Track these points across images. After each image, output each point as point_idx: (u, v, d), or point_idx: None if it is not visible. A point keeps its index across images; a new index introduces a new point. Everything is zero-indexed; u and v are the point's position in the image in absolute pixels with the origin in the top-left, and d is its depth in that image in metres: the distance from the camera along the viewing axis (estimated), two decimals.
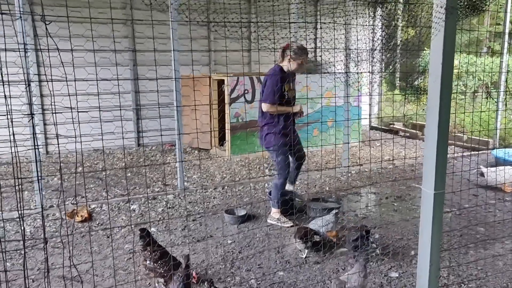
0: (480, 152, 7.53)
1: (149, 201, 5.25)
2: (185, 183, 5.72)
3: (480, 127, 7.55)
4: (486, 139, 8.03)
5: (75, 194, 5.53)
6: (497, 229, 4.28)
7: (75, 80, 1.81)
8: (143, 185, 5.88)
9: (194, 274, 3.20)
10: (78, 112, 1.97)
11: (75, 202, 5.11)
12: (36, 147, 1.80)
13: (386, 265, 3.56)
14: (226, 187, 5.79)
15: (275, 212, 4.54)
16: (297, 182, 5.95)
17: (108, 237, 4.24)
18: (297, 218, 4.58)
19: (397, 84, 12.87)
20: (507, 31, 8.38)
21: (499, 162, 6.63)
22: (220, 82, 7.45)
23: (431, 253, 1.85)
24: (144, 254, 3.11)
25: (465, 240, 4.04)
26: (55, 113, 1.79)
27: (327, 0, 8.57)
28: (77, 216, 4.63)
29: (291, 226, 4.39)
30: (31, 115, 1.82)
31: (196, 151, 7.94)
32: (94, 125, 7.21)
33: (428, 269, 1.86)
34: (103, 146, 7.75)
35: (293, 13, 6.51)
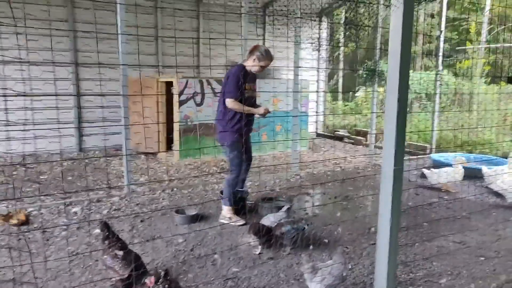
0: (419, 156, 7.93)
1: (93, 204, 4.97)
2: (132, 186, 5.49)
3: (418, 133, 7.98)
4: (425, 144, 8.49)
5: (6, 197, 5.11)
6: (439, 224, 4.49)
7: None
8: (86, 189, 5.57)
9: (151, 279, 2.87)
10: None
11: (10, 205, 4.72)
12: None
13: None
14: (175, 188, 5.63)
15: (227, 211, 4.46)
16: (248, 184, 5.94)
17: (47, 240, 3.94)
18: (249, 217, 4.53)
19: (339, 95, 13.34)
20: (441, 45, 8.94)
21: (436, 165, 7.02)
22: (168, 85, 7.30)
23: (391, 228, 1.88)
24: (103, 248, 2.92)
25: (411, 235, 4.19)
26: None
27: (275, 8, 8.74)
28: (12, 219, 4.28)
29: (243, 225, 4.33)
30: None
31: (143, 155, 7.68)
32: (33, 127, 6.81)
33: (388, 245, 1.88)
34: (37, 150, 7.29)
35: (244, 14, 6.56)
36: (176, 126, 7.00)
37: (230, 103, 4.21)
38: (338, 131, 10.55)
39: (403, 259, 3.62)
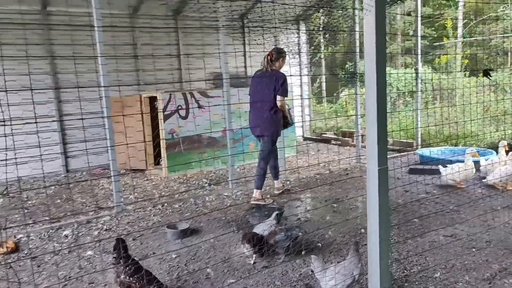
0: (406, 153, 8.02)
1: (83, 225, 4.90)
2: (122, 204, 5.44)
3: (403, 131, 8.07)
4: (411, 141, 8.58)
5: None
6: (430, 219, 4.53)
7: None
8: (75, 211, 5.50)
9: None
10: None
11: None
12: None
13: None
14: (165, 204, 5.59)
15: (258, 194, 5.34)
16: (239, 193, 5.94)
17: (38, 266, 3.88)
18: (240, 228, 4.53)
19: (324, 98, 13.44)
20: (419, 45, 9.09)
21: (423, 160, 7.11)
22: (152, 100, 7.28)
23: (380, 228, 1.90)
24: (117, 269, 2.88)
25: (402, 232, 4.22)
26: None
27: (253, 16, 8.80)
28: (1, 247, 4.20)
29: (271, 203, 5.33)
30: None
31: (131, 173, 7.62)
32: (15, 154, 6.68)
33: (378, 244, 1.90)
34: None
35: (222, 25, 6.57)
36: (162, 142, 6.98)
37: (282, 101, 5.23)
38: (325, 134, 10.61)
39: (397, 257, 3.64)
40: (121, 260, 2.89)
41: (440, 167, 5.67)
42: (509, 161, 5.44)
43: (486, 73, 3.05)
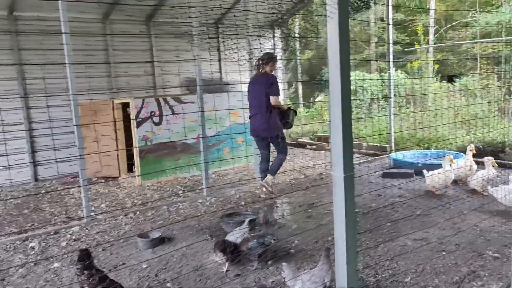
0: (380, 157, 8.11)
1: (51, 236, 4.75)
2: (92, 213, 5.30)
3: (378, 135, 8.16)
4: (385, 145, 8.69)
5: None
6: (401, 223, 4.58)
7: None
8: (43, 221, 5.33)
9: None
10: None
11: None
12: None
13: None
14: (138, 212, 5.48)
15: (270, 180, 5.83)
16: (213, 200, 5.89)
17: (2, 280, 3.73)
18: (214, 235, 4.48)
19: (300, 102, 13.52)
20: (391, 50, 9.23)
21: (396, 164, 7.21)
22: (125, 106, 7.15)
23: (347, 235, 1.89)
24: (81, 281, 2.78)
25: (375, 237, 4.25)
26: None
27: (228, 22, 8.79)
28: None
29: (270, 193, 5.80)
30: None
31: (103, 180, 7.45)
32: None
33: (345, 251, 1.89)
34: None
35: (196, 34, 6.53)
36: (136, 148, 6.87)
37: (277, 100, 5.65)
38: (301, 138, 10.65)
39: (368, 262, 3.66)
40: (85, 271, 2.80)
41: (424, 171, 5.60)
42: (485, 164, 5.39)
43: (450, 79, 3.10)
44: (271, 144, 5.94)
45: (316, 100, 14.18)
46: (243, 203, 5.69)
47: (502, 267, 3.38)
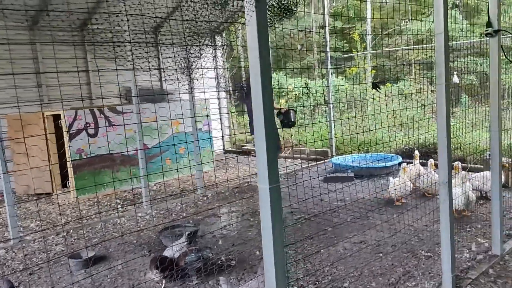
0: (322, 161, 8.24)
1: None
2: (20, 234, 4.93)
3: (319, 140, 8.29)
4: (326, 149, 8.85)
5: None
6: (342, 227, 4.64)
7: None
8: None
9: None
10: None
11: None
12: None
13: (246, 279, 3.52)
14: (71, 230, 5.16)
15: None
16: (154, 212, 5.69)
17: None
18: (152, 251, 4.30)
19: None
20: (329, 56, 9.46)
21: (337, 169, 7.35)
22: (56, 118, 6.77)
23: (275, 248, 1.83)
24: None
25: (316, 243, 4.26)
26: None
27: (166, 30, 8.59)
28: None
29: None
30: None
31: (34, 197, 6.98)
32: None
33: (274, 265, 1.83)
34: None
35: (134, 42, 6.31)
36: (69, 161, 6.50)
37: None
38: (246, 145, 10.63)
39: (309, 269, 3.65)
40: None
41: (390, 178, 5.55)
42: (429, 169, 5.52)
43: (375, 86, 3.18)
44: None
45: None
46: (184, 214, 5.54)
47: (434, 266, 3.50)
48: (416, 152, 6.00)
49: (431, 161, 5.52)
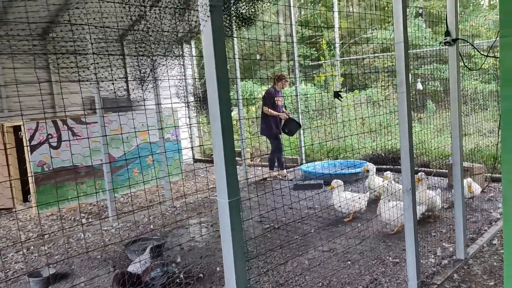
0: (292, 169, 8.25)
1: None
2: None
3: (290, 148, 8.30)
4: (296, 157, 8.87)
5: None
6: (312, 236, 4.62)
7: None
8: None
9: None
10: None
11: None
12: None
13: None
14: (32, 247, 4.94)
15: (286, 172, 7.55)
16: (120, 225, 5.53)
17: None
18: (117, 266, 4.16)
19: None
20: (297, 64, 9.52)
21: (306, 176, 7.36)
22: (17, 130, 6.51)
23: (235, 263, 1.78)
24: None
25: (285, 253, 4.22)
26: None
27: (132, 39, 8.44)
28: None
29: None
30: None
31: None
32: None
33: (235, 281, 1.78)
34: None
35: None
36: (31, 175, 6.25)
37: (265, 109, 7.18)
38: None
39: (278, 280, 3.61)
40: None
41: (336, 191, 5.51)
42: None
43: (337, 95, 3.20)
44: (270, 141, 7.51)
45: (232, 114, 14.18)
46: (152, 226, 5.40)
47: (401, 272, 3.52)
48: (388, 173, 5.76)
49: (388, 173, 5.45)
